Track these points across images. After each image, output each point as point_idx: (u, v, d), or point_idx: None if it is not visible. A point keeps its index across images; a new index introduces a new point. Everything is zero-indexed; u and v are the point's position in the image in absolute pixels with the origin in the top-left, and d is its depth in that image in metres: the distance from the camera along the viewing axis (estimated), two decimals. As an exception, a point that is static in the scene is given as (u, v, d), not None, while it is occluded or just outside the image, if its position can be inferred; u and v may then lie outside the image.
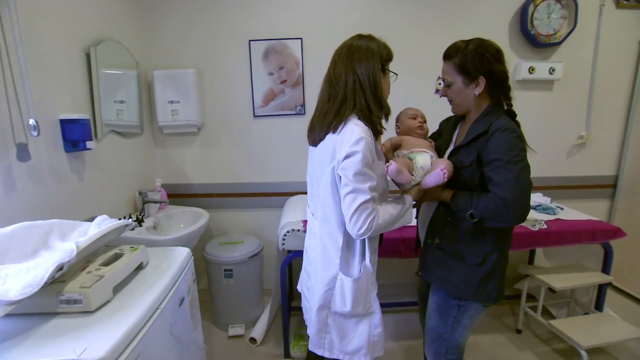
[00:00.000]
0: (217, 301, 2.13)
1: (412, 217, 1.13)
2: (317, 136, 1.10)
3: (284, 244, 1.75)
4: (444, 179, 1.06)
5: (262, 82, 2.26)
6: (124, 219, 1.19)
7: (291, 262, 1.85)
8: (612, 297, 2.38)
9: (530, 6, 2.18)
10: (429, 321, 1.28)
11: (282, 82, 2.27)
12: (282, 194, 2.38)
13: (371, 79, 1.02)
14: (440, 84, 1.17)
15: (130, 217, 1.80)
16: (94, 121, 1.65)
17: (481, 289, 1.13)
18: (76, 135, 1.44)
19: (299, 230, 1.74)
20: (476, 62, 1.07)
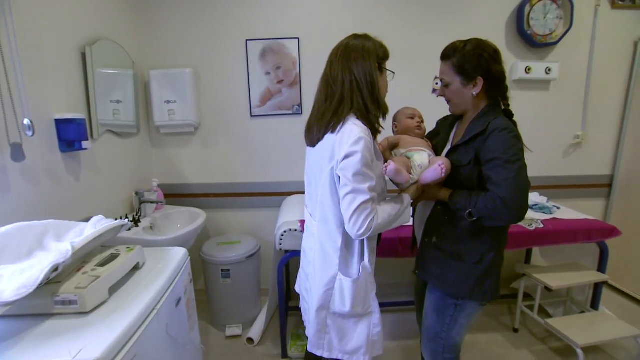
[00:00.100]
0: (215, 301, 2.13)
1: (410, 216, 1.13)
2: (315, 136, 1.10)
3: (281, 244, 1.75)
4: (441, 174, 1.06)
5: (259, 81, 2.26)
6: (120, 220, 1.18)
7: (288, 262, 1.85)
8: (607, 295, 2.40)
9: (526, 6, 2.19)
10: (425, 320, 1.29)
11: (279, 81, 2.26)
12: (279, 194, 2.38)
13: (368, 78, 1.02)
14: (437, 84, 1.18)
15: (126, 218, 1.79)
16: (89, 121, 1.64)
17: (478, 288, 1.14)
18: (72, 135, 1.43)
19: (296, 230, 1.74)
20: (474, 62, 1.07)
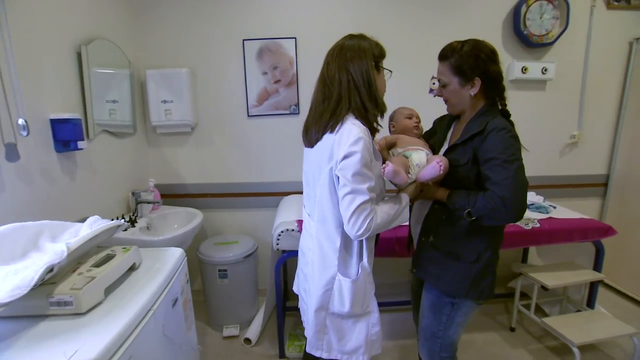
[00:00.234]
0: (212, 302, 2.12)
1: (408, 215, 1.13)
2: (313, 137, 1.09)
3: (278, 244, 1.75)
4: (440, 172, 1.06)
5: (256, 81, 2.25)
6: (116, 220, 1.17)
7: (286, 262, 1.85)
8: (603, 294, 2.41)
9: (522, 7, 2.20)
10: (422, 319, 1.29)
11: (276, 81, 2.26)
12: (276, 194, 2.37)
13: (365, 77, 1.02)
14: (434, 84, 1.18)
15: (123, 218, 1.78)
16: (85, 121, 1.63)
17: (475, 287, 1.14)
18: (67, 135, 1.42)
19: (293, 230, 1.73)
20: (472, 63, 1.07)
